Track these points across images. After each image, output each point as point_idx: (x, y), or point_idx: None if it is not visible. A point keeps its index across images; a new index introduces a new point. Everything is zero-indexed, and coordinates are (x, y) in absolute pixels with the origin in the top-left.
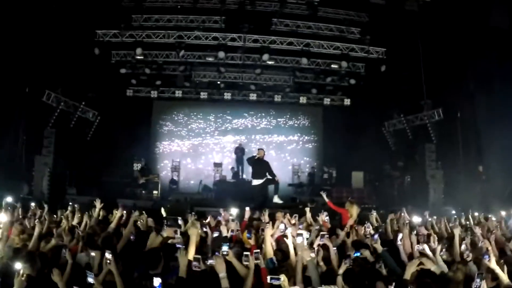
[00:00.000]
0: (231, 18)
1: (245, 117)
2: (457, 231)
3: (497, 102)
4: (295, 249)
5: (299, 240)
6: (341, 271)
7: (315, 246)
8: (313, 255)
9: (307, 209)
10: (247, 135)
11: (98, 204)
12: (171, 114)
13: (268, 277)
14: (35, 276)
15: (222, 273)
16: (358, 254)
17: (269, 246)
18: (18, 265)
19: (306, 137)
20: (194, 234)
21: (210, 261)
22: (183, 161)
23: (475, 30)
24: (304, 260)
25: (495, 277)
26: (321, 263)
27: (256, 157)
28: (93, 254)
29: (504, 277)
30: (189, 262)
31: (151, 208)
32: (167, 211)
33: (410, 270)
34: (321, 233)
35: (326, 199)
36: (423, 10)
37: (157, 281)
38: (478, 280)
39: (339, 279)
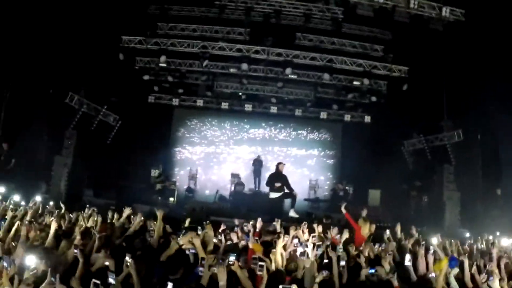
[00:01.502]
0: (256, 30)
1: (263, 127)
2: (465, 259)
3: None
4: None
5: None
6: (317, 280)
7: (311, 256)
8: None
9: (315, 225)
10: (264, 146)
11: (128, 210)
12: (190, 122)
13: (280, 287)
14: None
15: (222, 282)
16: (373, 271)
17: (279, 256)
18: (30, 260)
19: (327, 152)
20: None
21: (213, 269)
22: (200, 170)
23: (499, 52)
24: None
25: None
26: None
27: (275, 172)
28: (107, 263)
29: None
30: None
31: (167, 215)
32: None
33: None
34: (316, 244)
35: (344, 211)
36: (447, 30)
37: (170, 286)
38: None
39: (315, 286)
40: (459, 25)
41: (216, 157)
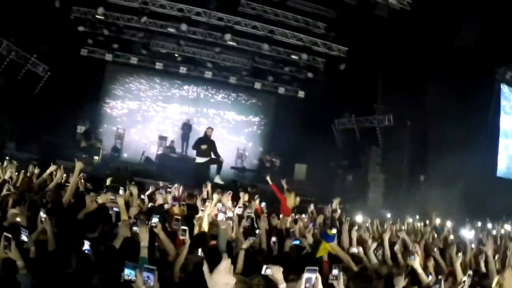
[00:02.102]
0: None
1: (198, 84)
2: (386, 236)
3: (449, 118)
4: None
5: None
6: (244, 246)
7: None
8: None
9: (241, 193)
10: (198, 107)
11: (52, 167)
12: (122, 80)
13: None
14: None
15: (144, 242)
16: (298, 242)
17: (205, 222)
18: None
19: (261, 121)
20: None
21: (135, 228)
22: (127, 130)
23: (438, 45)
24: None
25: (416, 277)
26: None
27: (203, 136)
28: (18, 219)
29: (424, 277)
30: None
31: (91, 172)
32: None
33: None
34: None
35: (270, 182)
36: (392, 18)
37: (86, 244)
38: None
39: (242, 253)
40: (404, 14)
41: (142, 115)
